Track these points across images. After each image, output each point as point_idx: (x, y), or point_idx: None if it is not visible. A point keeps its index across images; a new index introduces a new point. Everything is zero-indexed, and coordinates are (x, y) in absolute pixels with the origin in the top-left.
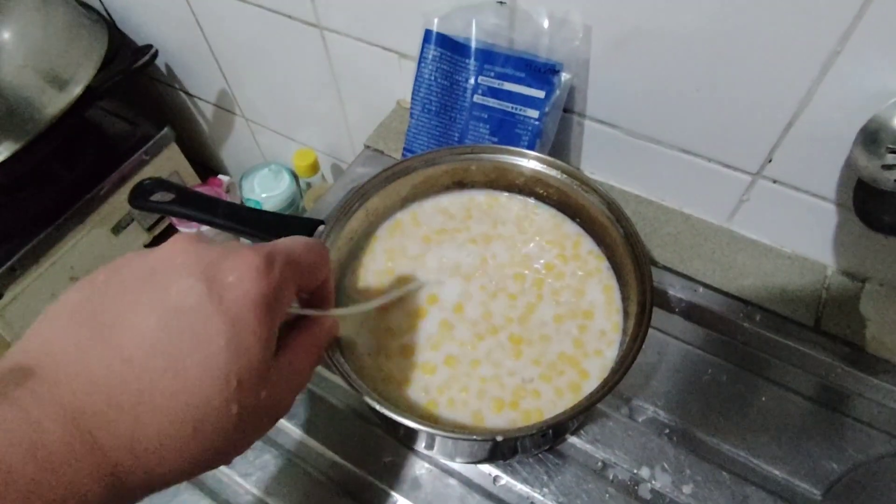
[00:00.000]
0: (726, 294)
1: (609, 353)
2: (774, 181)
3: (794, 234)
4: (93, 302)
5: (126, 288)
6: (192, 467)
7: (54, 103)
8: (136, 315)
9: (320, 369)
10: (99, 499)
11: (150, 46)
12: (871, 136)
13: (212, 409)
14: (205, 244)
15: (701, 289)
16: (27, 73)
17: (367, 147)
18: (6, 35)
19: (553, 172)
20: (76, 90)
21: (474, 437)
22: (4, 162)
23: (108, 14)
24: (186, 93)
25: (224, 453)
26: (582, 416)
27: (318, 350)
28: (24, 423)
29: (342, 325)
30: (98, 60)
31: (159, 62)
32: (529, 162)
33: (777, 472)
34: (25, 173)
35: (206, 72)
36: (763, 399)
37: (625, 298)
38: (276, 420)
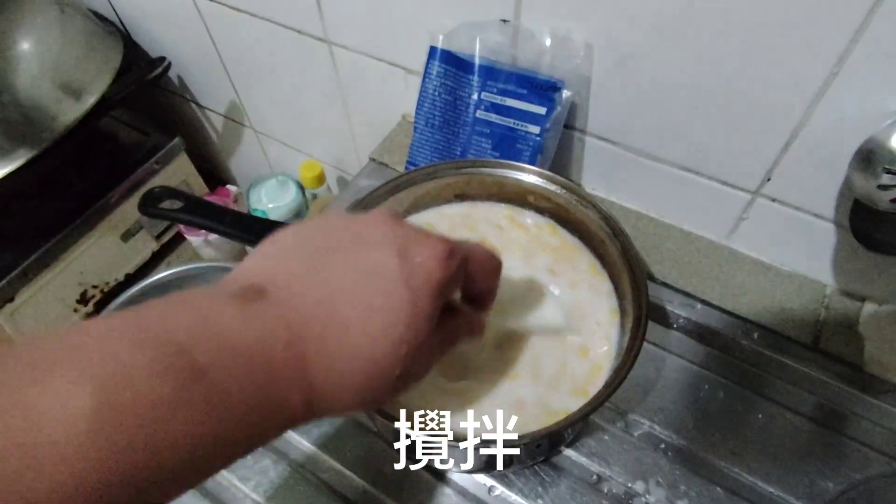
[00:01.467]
0: (725, 311)
1: (605, 367)
2: (773, 199)
3: (792, 252)
4: (306, 247)
5: (334, 242)
6: (353, 408)
7: (69, 112)
8: (341, 267)
9: None
10: (299, 413)
11: (163, 58)
12: (867, 157)
13: (382, 366)
14: (402, 222)
15: (699, 305)
16: (44, 83)
17: (372, 160)
18: (25, 45)
19: (552, 187)
20: (91, 100)
21: (473, 444)
22: (19, 169)
23: (123, 26)
24: (197, 104)
25: (374, 403)
26: (577, 427)
27: (457, 339)
28: (259, 337)
29: None
30: (112, 71)
31: (171, 74)
32: (530, 177)
33: (772, 490)
34: (39, 180)
35: (217, 84)
36: (760, 416)
37: (622, 313)
38: (414, 384)
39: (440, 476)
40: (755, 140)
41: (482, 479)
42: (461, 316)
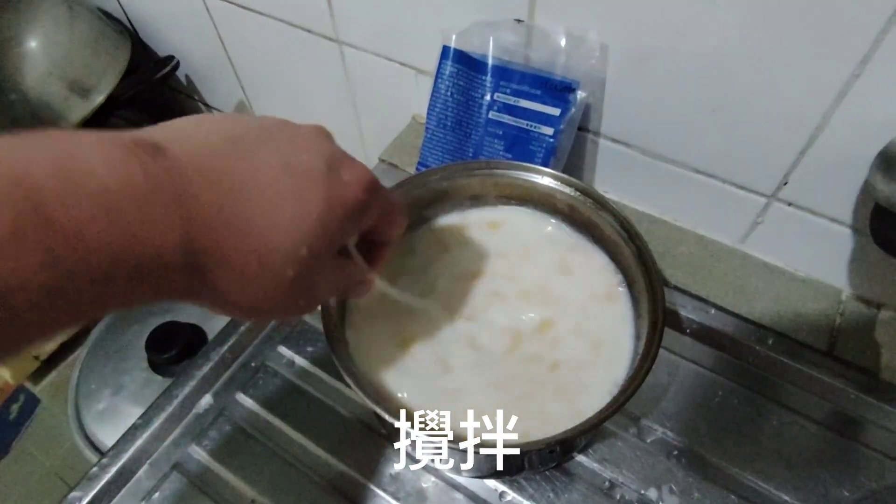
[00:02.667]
0: (739, 316)
1: (619, 372)
2: (789, 204)
3: (808, 257)
4: (234, 130)
5: (269, 137)
6: (243, 299)
7: (77, 111)
8: (268, 154)
9: (329, 378)
10: (177, 279)
11: (171, 57)
12: (889, 160)
13: (278, 257)
14: (334, 141)
15: (713, 310)
16: (52, 81)
17: (382, 161)
18: (33, 44)
19: (567, 189)
20: (98, 99)
21: (482, 449)
22: None
23: (132, 25)
24: (205, 104)
25: (263, 308)
26: (590, 433)
27: (346, 283)
28: (139, 180)
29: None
30: (121, 70)
31: (179, 73)
32: (543, 178)
33: (787, 498)
34: None
35: (225, 83)
36: (774, 423)
37: (637, 317)
38: (303, 310)
39: (450, 480)
40: (772, 143)
41: (493, 484)
42: (354, 263)
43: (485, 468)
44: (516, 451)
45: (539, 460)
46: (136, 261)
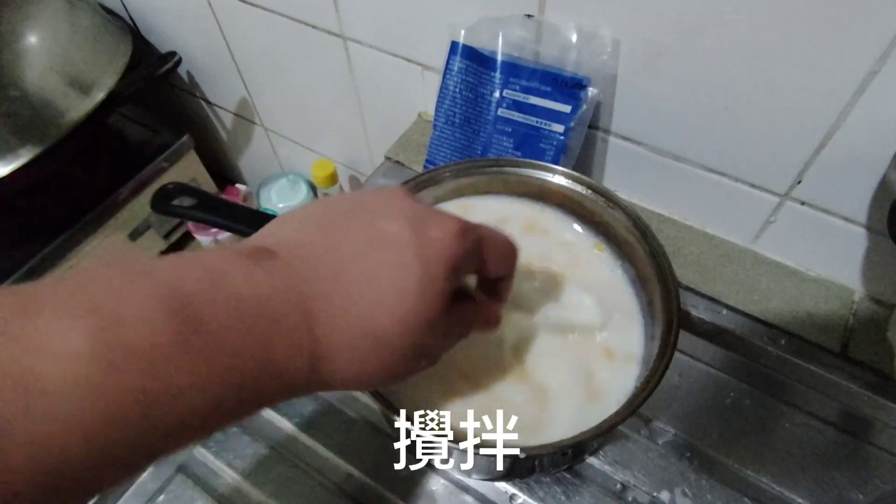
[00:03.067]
0: (750, 317)
1: (632, 374)
2: (803, 203)
3: (821, 257)
4: (318, 217)
5: (346, 213)
6: (361, 379)
7: (77, 108)
8: (353, 235)
9: None
10: (302, 377)
11: (173, 53)
12: None
13: (390, 334)
14: (415, 198)
15: (724, 311)
16: (52, 77)
17: (388, 159)
18: (33, 39)
19: (579, 188)
20: (99, 95)
21: (494, 452)
22: (26, 165)
23: (133, 21)
24: (207, 101)
25: (383, 377)
26: (603, 437)
27: (471, 325)
28: (265, 294)
29: None
30: (122, 66)
31: (181, 70)
32: (555, 177)
33: (800, 501)
34: (46, 177)
35: (228, 80)
36: (787, 425)
37: (650, 318)
38: (428, 366)
39: (459, 483)
40: (787, 141)
41: (503, 486)
42: (475, 303)
43: (495, 471)
44: (533, 454)
45: (550, 463)
46: (268, 366)
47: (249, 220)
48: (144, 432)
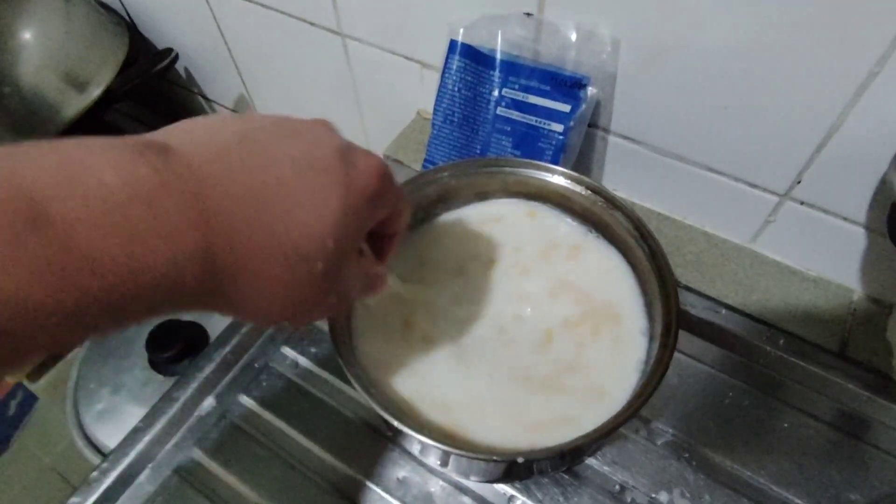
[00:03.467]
0: (749, 316)
1: (632, 376)
2: (802, 203)
3: (819, 256)
4: (240, 129)
5: (275, 134)
6: (272, 301)
7: (73, 105)
8: (281, 150)
9: (334, 380)
10: (195, 288)
11: (170, 50)
12: None
13: (307, 249)
14: (341, 134)
15: (723, 310)
16: (47, 74)
17: (387, 157)
18: (27, 35)
19: (578, 189)
20: (95, 92)
21: (494, 457)
22: None
23: (129, 16)
24: (205, 97)
25: (298, 302)
26: (603, 440)
27: (363, 281)
28: (148, 182)
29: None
30: (118, 63)
31: (178, 66)
32: (554, 177)
33: (798, 501)
34: None
35: (225, 77)
36: (785, 425)
37: (649, 319)
38: (334, 308)
39: (458, 485)
40: (787, 141)
41: (501, 488)
42: (366, 258)
43: (494, 473)
44: (530, 459)
45: (549, 465)
46: (148, 268)
47: None
48: None
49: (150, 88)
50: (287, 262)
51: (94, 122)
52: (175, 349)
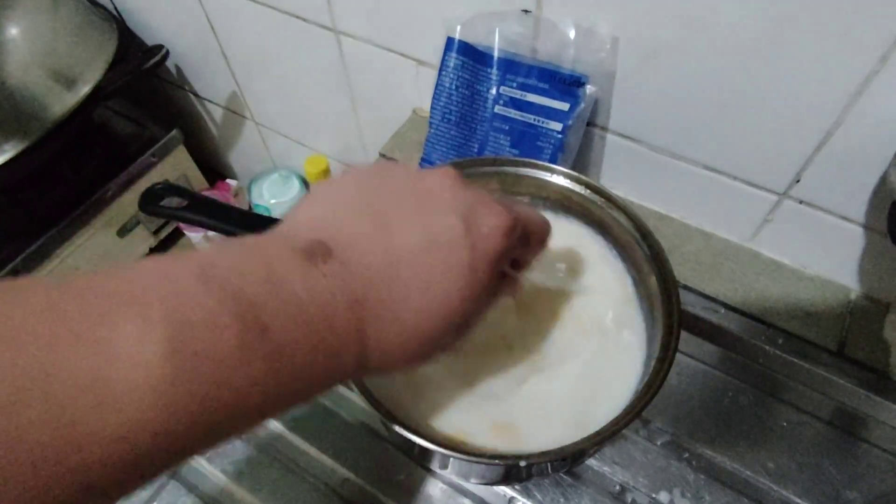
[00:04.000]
0: (748, 315)
1: (633, 377)
2: (801, 202)
3: (818, 255)
4: (369, 202)
5: (397, 200)
6: (399, 369)
7: (62, 102)
8: (406, 230)
9: None
10: (349, 372)
11: (160, 47)
12: None
13: (433, 332)
14: (467, 185)
15: (722, 309)
16: (35, 71)
17: (382, 156)
18: (14, 31)
19: (577, 188)
20: (84, 89)
21: (496, 461)
22: (10, 161)
23: (118, 12)
24: (196, 95)
25: (417, 364)
26: (605, 443)
27: (498, 296)
28: (324, 300)
29: None
30: (107, 60)
31: (169, 63)
32: (553, 176)
33: (797, 500)
34: (31, 173)
35: (217, 74)
36: (784, 424)
37: (650, 319)
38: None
39: (458, 487)
40: (786, 140)
41: (502, 490)
42: (504, 276)
43: (494, 476)
44: (531, 462)
45: (550, 467)
46: (322, 366)
47: (240, 221)
48: (208, 429)
49: (141, 86)
50: (418, 337)
51: (83, 120)
52: None
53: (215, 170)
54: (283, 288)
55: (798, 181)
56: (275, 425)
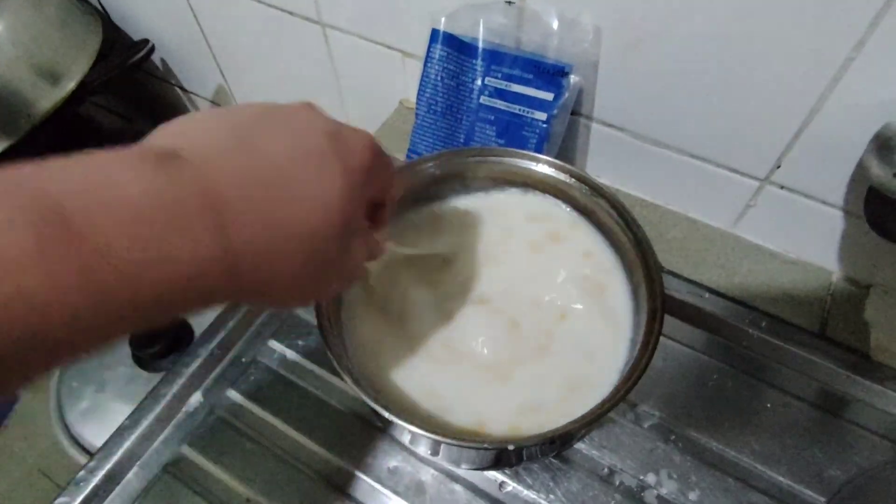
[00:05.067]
0: (731, 299)
1: (618, 361)
2: (782, 187)
3: (799, 239)
4: (228, 122)
5: (265, 125)
6: (291, 287)
7: (47, 98)
8: (276, 142)
9: (323, 372)
10: (219, 284)
11: (146, 41)
12: (884, 144)
13: (318, 235)
14: (323, 112)
15: (707, 294)
16: (19, 67)
17: None
18: None
19: (562, 176)
20: (69, 85)
21: (485, 444)
22: None
23: (103, 7)
24: (182, 89)
25: (317, 278)
26: (591, 426)
27: (364, 250)
28: (167, 197)
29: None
30: (92, 55)
31: (155, 57)
32: (539, 166)
33: (781, 479)
34: None
35: (203, 68)
36: (768, 405)
37: (635, 305)
38: (351, 278)
39: (448, 473)
40: (766, 127)
41: (492, 475)
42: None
43: (484, 460)
44: (519, 446)
45: (539, 451)
46: (172, 273)
47: None
48: (18, 341)
49: (127, 81)
50: (302, 242)
51: (69, 115)
52: (160, 345)
53: None
54: (109, 192)
55: (779, 167)
56: (267, 417)
